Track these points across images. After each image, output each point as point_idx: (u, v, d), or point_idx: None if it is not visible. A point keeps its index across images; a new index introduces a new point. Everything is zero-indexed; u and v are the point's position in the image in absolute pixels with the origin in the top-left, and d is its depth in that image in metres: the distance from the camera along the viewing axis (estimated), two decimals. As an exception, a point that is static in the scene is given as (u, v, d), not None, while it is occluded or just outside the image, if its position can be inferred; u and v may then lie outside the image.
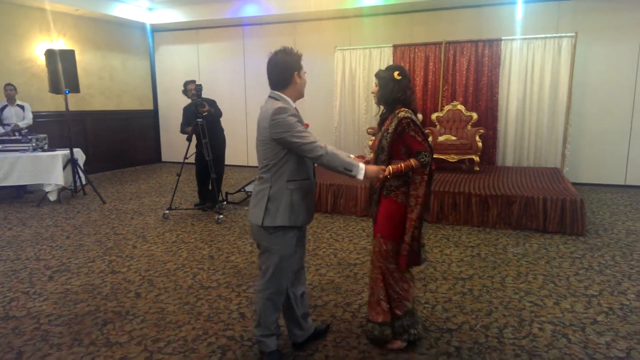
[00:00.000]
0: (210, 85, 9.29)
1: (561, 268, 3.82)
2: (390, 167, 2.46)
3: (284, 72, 2.26)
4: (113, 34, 9.18)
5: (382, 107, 2.68)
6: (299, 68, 2.29)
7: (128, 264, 3.97)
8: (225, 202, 6.12)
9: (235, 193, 6.46)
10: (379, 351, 2.56)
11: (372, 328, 2.61)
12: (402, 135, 2.49)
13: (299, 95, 2.35)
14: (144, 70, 10.03)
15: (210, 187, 5.82)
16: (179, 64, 9.87)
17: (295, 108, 2.31)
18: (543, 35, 6.82)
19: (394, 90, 2.55)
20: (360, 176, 2.28)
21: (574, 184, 6.27)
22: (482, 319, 2.94)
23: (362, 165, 2.29)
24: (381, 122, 2.67)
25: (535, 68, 6.88)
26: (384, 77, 2.59)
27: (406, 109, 2.54)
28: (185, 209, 5.90)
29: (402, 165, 2.47)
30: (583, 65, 6.91)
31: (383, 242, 2.55)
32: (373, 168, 2.36)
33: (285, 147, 2.21)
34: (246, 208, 5.99)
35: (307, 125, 2.39)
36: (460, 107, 7.05)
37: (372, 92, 2.67)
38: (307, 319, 2.61)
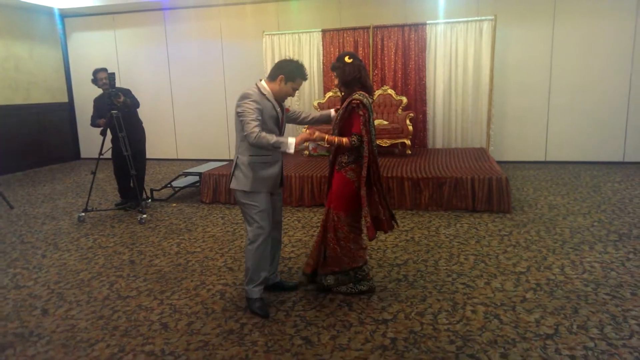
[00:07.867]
0: (131, 74, 8.72)
1: (490, 247, 3.89)
2: (327, 136, 2.77)
3: (276, 69, 2.73)
4: (17, 20, 8.27)
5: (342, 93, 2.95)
6: (290, 78, 2.70)
7: (35, 277, 3.55)
8: (150, 200, 5.72)
9: (161, 189, 6.06)
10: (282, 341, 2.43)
11: (325, 279, 3.03)
12: (352, 115, 2.78)
13: (278, 97, 2.76)
14: (55, 60, 9.15)
15: (131, 185, 5.38)
16: (94, 52, 9.10)
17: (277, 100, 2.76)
18: (465, 19, 6.94)
19: (349, 72, 2.82)
20: (290, 150, 2.59)
21: (499, 162, 6.49)
22: (417, 305, 2.89)
23: (290, 140, 2.59)
24: (342, 104, 2.92)
25: (459, 51, 7.00)
26: (338, 66, 2.86)
27: (361, 92, 2.80)
28: (105, 210, 5.44)
29: (336, 139, 2.79)
30: (503, 47, 7.13)
31: (335, 214, 2.91)
32: (301, 135, 2.71)
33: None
34: (174, 205, 5.64)
35: (287, 110, 2.91)
36: (391, 91, 7.05)
37: (335, 86, 2.91)
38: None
